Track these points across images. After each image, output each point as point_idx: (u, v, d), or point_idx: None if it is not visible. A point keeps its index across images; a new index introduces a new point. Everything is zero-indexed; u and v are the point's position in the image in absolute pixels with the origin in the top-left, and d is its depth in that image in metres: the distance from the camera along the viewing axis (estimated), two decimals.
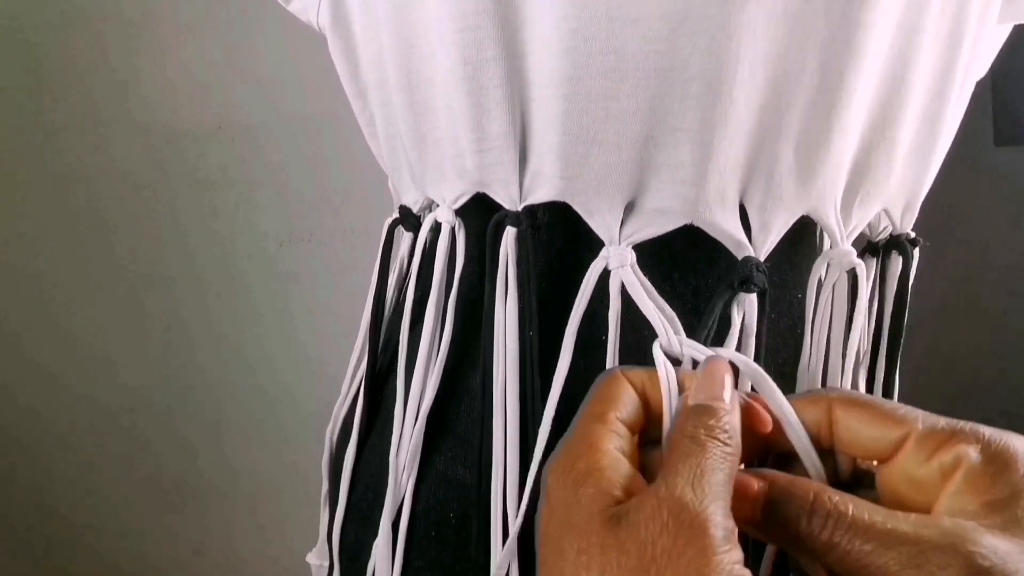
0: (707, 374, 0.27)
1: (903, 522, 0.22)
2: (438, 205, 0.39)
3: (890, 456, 0.24)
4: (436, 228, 0.39)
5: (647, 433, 0.28)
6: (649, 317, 0.32)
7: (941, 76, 0.35)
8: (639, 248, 0.33)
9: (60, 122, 1.13)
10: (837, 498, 0.23)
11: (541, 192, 0.34)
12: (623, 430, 0.26)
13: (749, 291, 0.32)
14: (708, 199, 0.32)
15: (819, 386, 0.36)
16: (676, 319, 0.32)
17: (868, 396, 0.26)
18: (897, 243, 0.39)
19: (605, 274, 0.33)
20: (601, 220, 0.33)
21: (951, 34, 0.34)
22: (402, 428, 0.39)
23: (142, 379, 1.21)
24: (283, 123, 1.14)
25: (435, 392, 0.38)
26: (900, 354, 0.39)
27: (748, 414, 0.27)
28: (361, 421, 0.43)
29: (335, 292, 1.17)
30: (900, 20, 0.32)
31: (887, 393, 0.40)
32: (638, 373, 0.28)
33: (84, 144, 1.14)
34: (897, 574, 0.21)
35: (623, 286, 0.33)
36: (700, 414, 0.25)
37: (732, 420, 0.25)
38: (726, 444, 0.24)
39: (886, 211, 0.37)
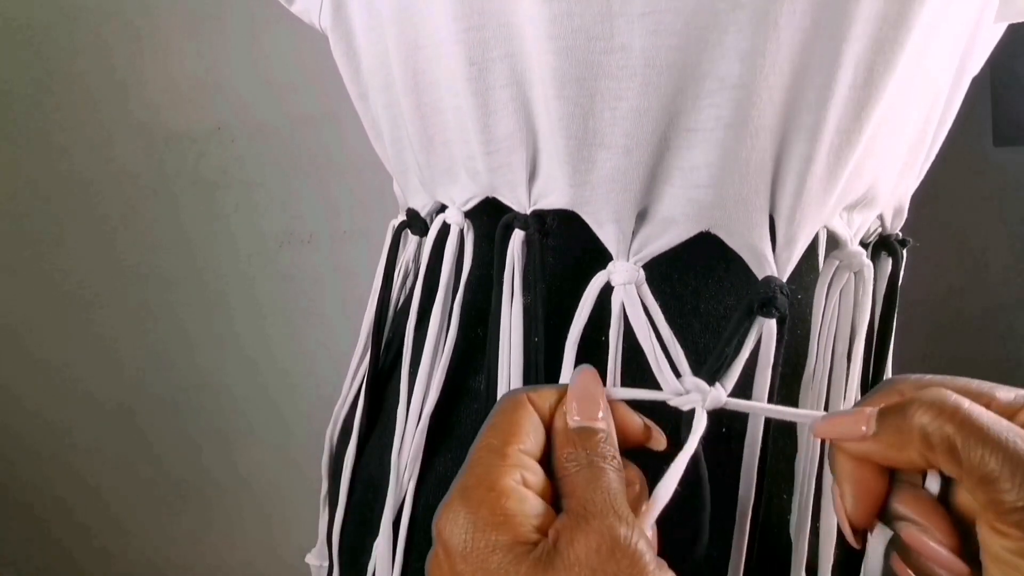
0: (580, 391, 0.27)
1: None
2: (447, 207, 0.38)
3: None
4: (444, 230, 0.39)
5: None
6: (643, 346, 0.31)
7: (943, 76, 0.35)
8: (660, 268, 0.32)
9: (60, 122, 1.13)
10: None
11: (551, 198, 0.33)
12: (527, 461, 0.25)
13: (770, 315, 0.30)
14: (726, 204, 0.30)
15: (824, 389, 0.35)
16: (681, 355, 0.31)
17: (941, 377, 0.25)
18: (886, 243, 0.38)
19: (608, 287, 0.32)
20: (610, 232, 0.32)
21: (953, 34, 0.33)
22: (404, 429, 0.38)
23: (142, 380, 1.21)
24: (283, 124, 1.14)
25: (438, 394, 0.37)
26: (890, 354, 0.39)
27: (623, 427, 0.27)
28: (361, 422, 0.43)
29: (335, 293, 1.17)
30: (927, 17, 0.30)
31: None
32: (545, 394, 0.27)
33: (84, 144, 1.14)
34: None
35: (623, 306, 0.31)
36: (586, 438, 0.25)
37: (612, 436, 0.26)
38: (616, 466, 0.25)
39: (882, 213, 0.37)
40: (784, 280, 0.31)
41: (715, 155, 0.30)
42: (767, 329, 0.30)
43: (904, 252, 0.38)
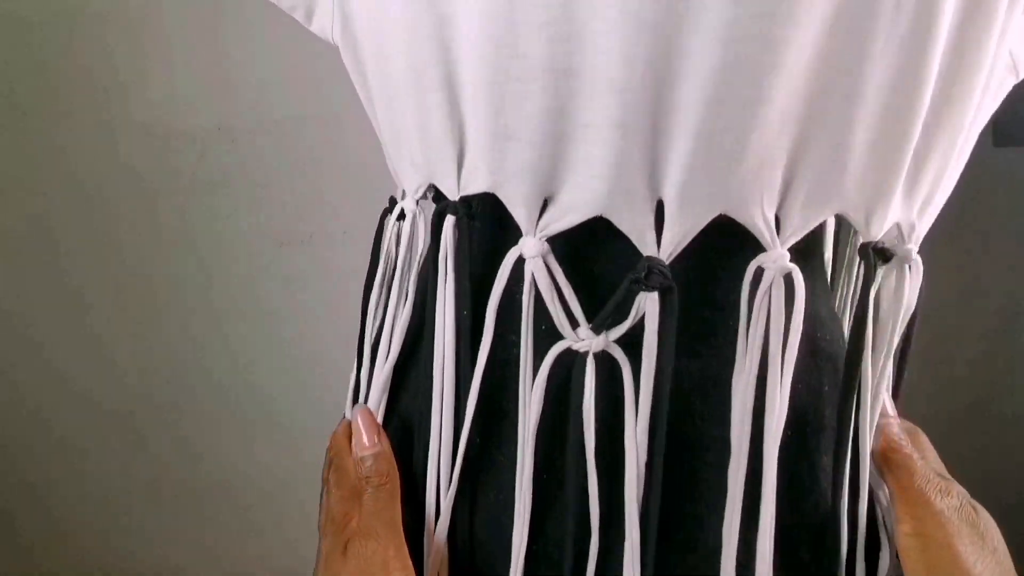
0: (355, 428, 0.41)
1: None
2: (405, 195, 0.43)
3: None
4: (402, 216, 0.44)
5: None
6: (549, 307, 0.36)
7: (908, 73, 0.33)
8: (572, 243, 0.36)
9: (61, 123, 1.13)
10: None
11: (475, 184, 0.37)
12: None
13: (648, 289, 0.34)
14: (615, 194, 0.34)
15: (752, 393, 0.35)
16: (579, 310, 0.36)
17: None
18: (862, 251, 0.37)
19: (521, 261, 0.36)
20: (521, 212, 0.36)
21: (914, 30, 0.32)
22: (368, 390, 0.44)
23: (141, 381, 1.21)
24: (283, 125, 1.14)
25: (395, 360, 0.42)
26: (860, 372, 0.37)
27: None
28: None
29: (335, 293, 1.17)
30: (827, 17, 0.31)
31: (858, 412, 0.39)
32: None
33: (84, 145, 1.14)
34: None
35: (533, 274, 0.36)
36: (363, 466, 0.39)
37: (384, 452, 0.40)
38: (391, 478, 0.39)
39: (846, 216, 0.36)
40: (669, 258, 0.34)
41: (605, 150, 0.33)
42: (650, 298, 0.34)
43: (878, 263, 0.37)
